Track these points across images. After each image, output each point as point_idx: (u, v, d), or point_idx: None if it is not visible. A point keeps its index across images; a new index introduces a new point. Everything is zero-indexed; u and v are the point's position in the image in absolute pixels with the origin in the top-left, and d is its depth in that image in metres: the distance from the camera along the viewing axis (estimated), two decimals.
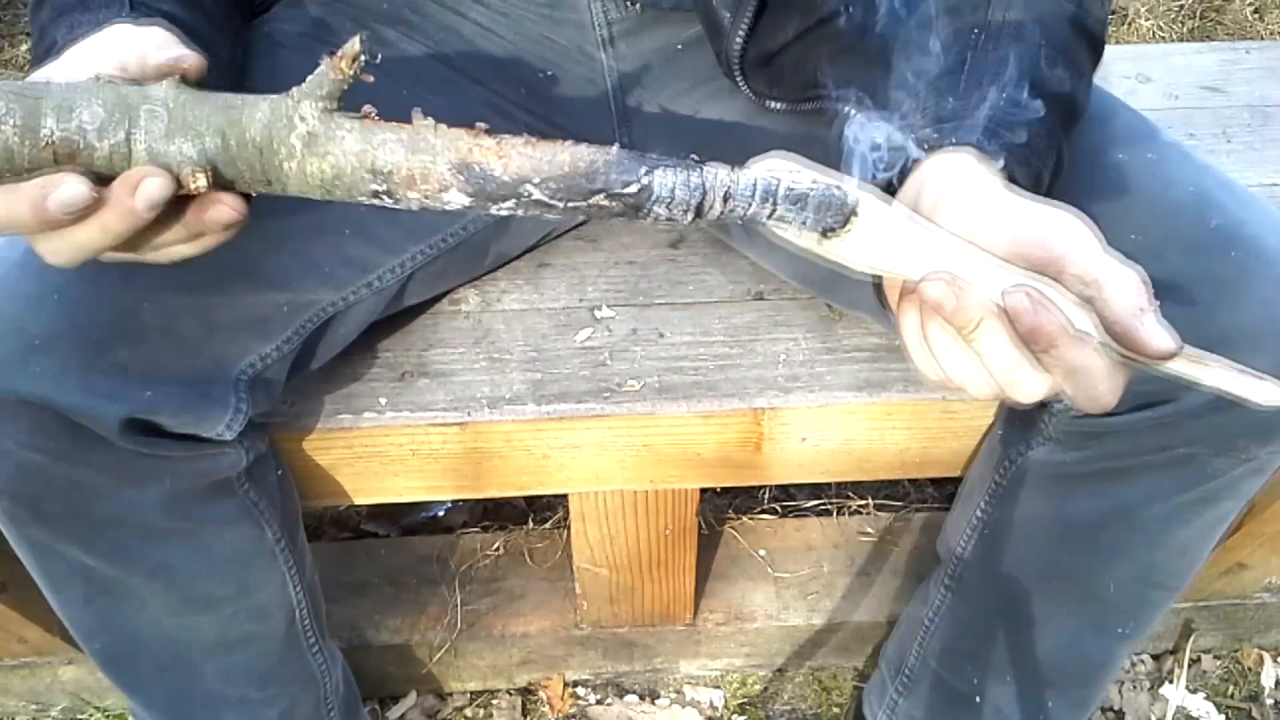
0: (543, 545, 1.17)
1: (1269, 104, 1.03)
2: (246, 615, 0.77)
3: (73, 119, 0.41)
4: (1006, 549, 0.80)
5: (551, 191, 0.42)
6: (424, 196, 0.43)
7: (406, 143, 0.42)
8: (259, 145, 0.42)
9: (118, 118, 0.41)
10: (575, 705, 1.16)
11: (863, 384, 0.77)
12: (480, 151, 0.42)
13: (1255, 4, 2.11)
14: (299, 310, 0.69)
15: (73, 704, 1.13)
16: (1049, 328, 0.42)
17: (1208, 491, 0.69)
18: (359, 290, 0.72)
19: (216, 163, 0.42)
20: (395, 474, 0.80)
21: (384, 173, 0.42)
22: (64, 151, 0.41)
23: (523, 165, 0.42)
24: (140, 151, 0.42)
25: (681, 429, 0.78)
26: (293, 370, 0.72)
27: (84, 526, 0.66)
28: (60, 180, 0.42)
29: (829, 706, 1.17)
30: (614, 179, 0.42)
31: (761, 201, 0.44)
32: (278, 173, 0.43)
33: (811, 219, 0.44)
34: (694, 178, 0.43)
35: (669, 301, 0.83)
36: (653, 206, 0.43)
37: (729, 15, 0.68)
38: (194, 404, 0.64)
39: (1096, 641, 0.82)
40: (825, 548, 1.16)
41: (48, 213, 0.42)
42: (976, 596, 0.85)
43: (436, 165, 0.42)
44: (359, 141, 0.42)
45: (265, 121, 0.42)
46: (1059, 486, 0.74)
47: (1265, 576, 1.12)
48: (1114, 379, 0.43)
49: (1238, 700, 1.18)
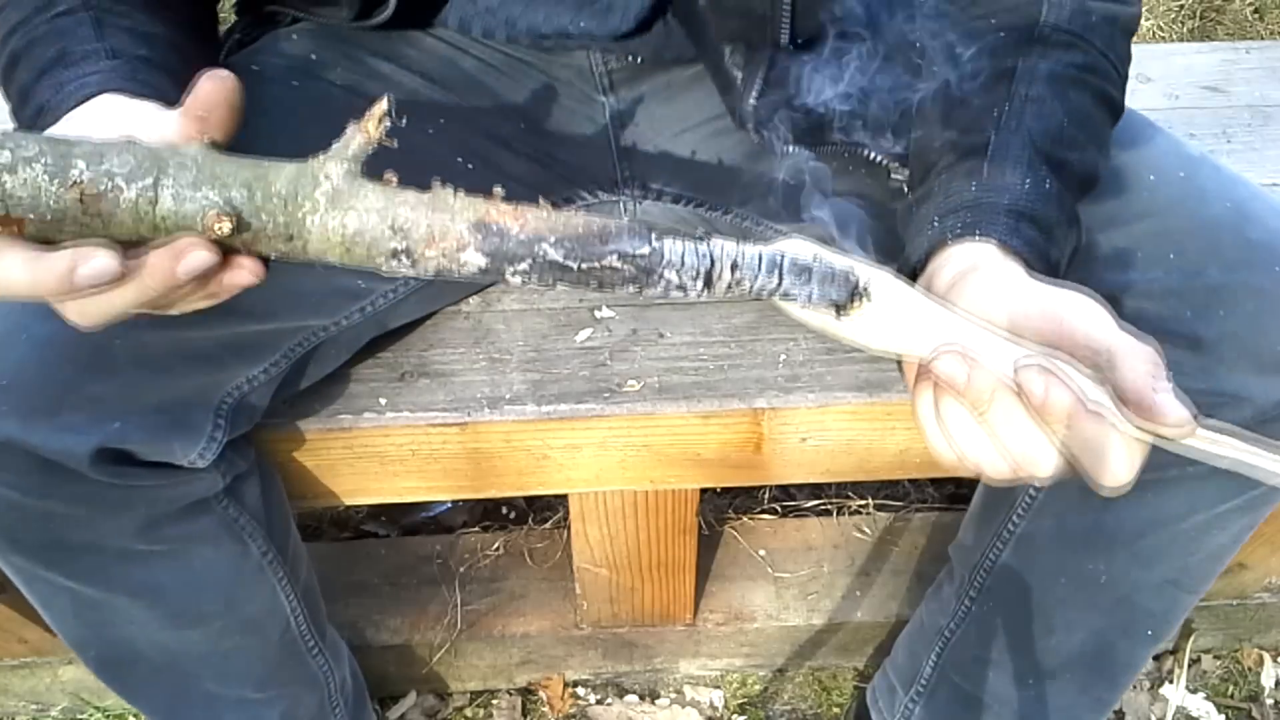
0: (543, 545, 1.17)
1: (1269, 104, 1.03)
2: (237, 628, 0.76)
3: (103, 164, 0.42)
4: (1041, 559, 0.79)
5: (565, 251, 0.43)
6: (442, 255, 0.44)
7: (427, 202, 0.44)
8: (284, 198, 0.43)
9: (147, 166, 0.42)
10: (575, 705, 1.16)
11: (863, 384, 0.77)
12: (497, 213, 0.44)
13: (1255, 4, 2.11)
14: (286, 336, 0.68)
15: (73, 704, 1.13)
16: (1062, 401, 0.42)
17: (1246, 500, 0.69)
18: (350, 316, 0.71)
19: (241, 211, 0.43)
20: (395, 474, 0.80)
21: (404, 230, 0.43)
22: (90, 194, 0.42)
23: (539, 226, 0.43)
24: (166, 198, 0.42)
25: (681, 429, 0.78)
26: (279, 391, 0.71)
27: (61, 553, 0.66)
28: (91, 254, 0.42)
29: (829, 706, 1.17)
30: (625, 240, 0.44)
31: (768, 273, 0.45)
32: (300, 226, 0.44)
33: (816, 293, 0.45)
34: (702, 246, 0.44)
35: (669, 301, 0.83)
36: (663, 270, 0.44)
37: (740, 74, 0.68)
38: (165, 432, 0.63)
39: (1125, 644, 0.81)
40: (825, 548, 1.16)
41: (75, 286, 0.42)
42: (1005, 605, 0.84)
43: (455, 224, 0.43)
44: (381, 200, 0.43)
45: (291, 178, 0.43)
46: (1098, 498, 0.73)
47: (1265, 576, 1.12)
48: (1129, 453, 0.43)
49: (1238, 700, 1.18)
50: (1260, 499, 0.69)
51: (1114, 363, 0.42)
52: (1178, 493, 0.69)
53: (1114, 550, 0.74)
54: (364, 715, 0.99)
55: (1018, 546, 0.81)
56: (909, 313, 0.46)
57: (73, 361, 0.59)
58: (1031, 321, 0.44)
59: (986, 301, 0.46)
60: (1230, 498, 0.68)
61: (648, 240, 0.44)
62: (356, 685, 0.97)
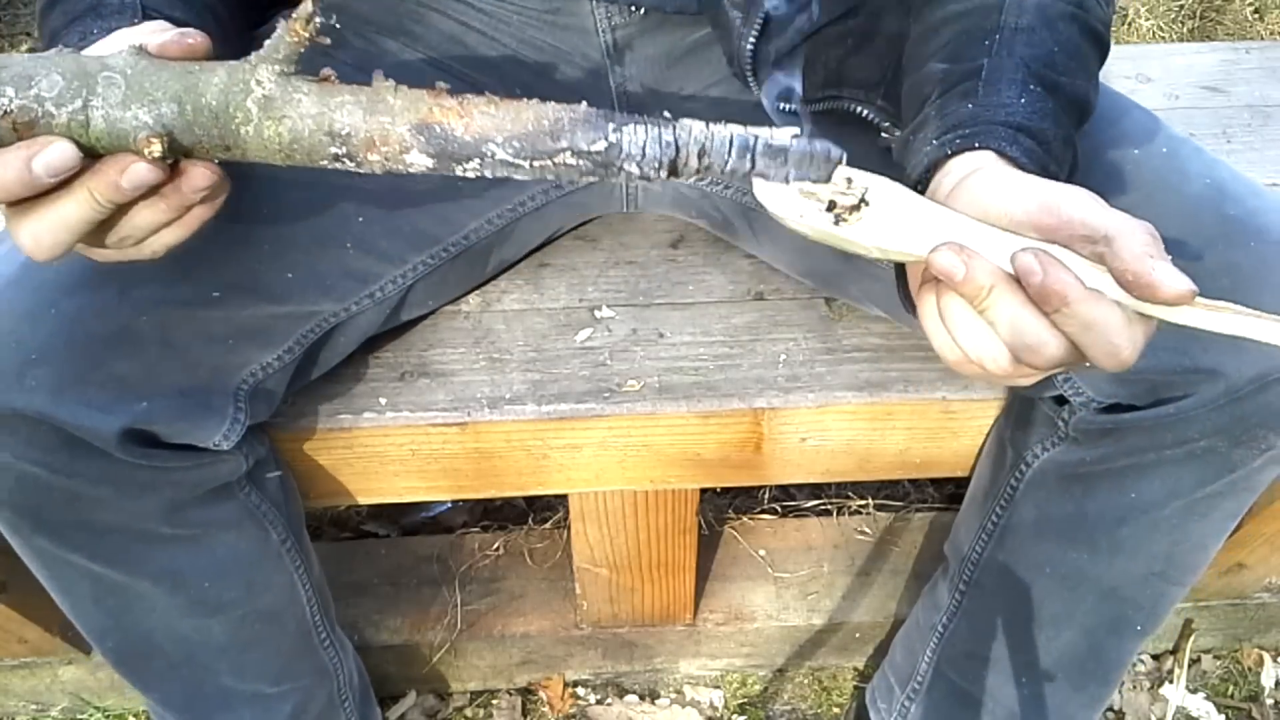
0: (543, 545, 1.17)
1: (1269, 104, 1.03)
2: (257, 616, 0.77)
3: (31, 88, 0.41)
4: (1024, 550, 0.80)
5: (515, 150, 0.42)
6: (385, 159, 0.42)
7: (365, 105, 0.42)
8: (215, 110, 0.42)
9: (75, 86, 0.41)
10: (575, 705, 1.16)
11: (863, 384, 0.77)
12: (441, 111, 0.42)
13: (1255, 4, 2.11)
14: (300, 321, 0.69)
15: (73, 704, 1.13)
16: (1059, 284, 0.42)
17: (1226, 485, 0.69)
18: (361, 301, 0.72)
19: (173, 129, 0.42)
20: (395, 474, 0.80)
21: (342, 135, 0.42)
22: (23, 120, 0.41)
23: (485, 125, 0.42)
24: (98, 119, 0.42)
25: (681, 429, 0.78)
26: (294, 380, 0.72)
27: (86, 534, 0.66)
28: (47, 142, 0.42)
29: (829, 706, 1.17)
30: (579, 136, 0.42)
31: (739, 157, 0.43)
32: (235, 137, 0.42)
33: (794, 173, 0.44)
34: (666, 134, 0.42)
35: (669, 301, 0.83)
36: (623, 164, 0.42)
37: (740, 15, 0.68)
38: (190, 414, 0.64)
39: (1112, 639, 0.82)
40: (825, 548, 1.16)
41: (33, 174, 0.42)
42: (992, 599, 0.85)
43: (396, 127, 0.42)
44: (316, 104, 0.42)
45: (222, 86, 0.42)
46: (1077, 486, 0.74)
47: (1265, 576, 1.12)
48: (1131, 332, 0.43)
49: (1238, 700, 1.18)
50: (1240, 483, 0.69)
51: (1111, 242, 0.42)
52: (1155, 478, 0.70)
53: (1096, 539, 0.75)
54: (370, 709, 1.00)
55: (1003, 538, 0.81)
56: (907, 215, 0.45)
57: (100, 339, 0.60)
58: (1030, 215, 0.44)
59: (985, 200, 0.46)
60: (1209, 482, 0.69)
61: (604, 133, 0.42)
62: (362, 681, 0.98)
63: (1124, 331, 0.43)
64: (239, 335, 0.66)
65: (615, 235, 0.88)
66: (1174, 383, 0.64)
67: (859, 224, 0.45)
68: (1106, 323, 0.43)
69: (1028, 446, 0.76)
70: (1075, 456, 0.72)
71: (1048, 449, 0.74)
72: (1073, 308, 0.42)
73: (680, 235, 0.88)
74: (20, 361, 0.58)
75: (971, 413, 0.79)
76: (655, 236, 0.88)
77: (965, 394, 0.78)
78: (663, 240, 0.88)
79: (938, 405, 0.78)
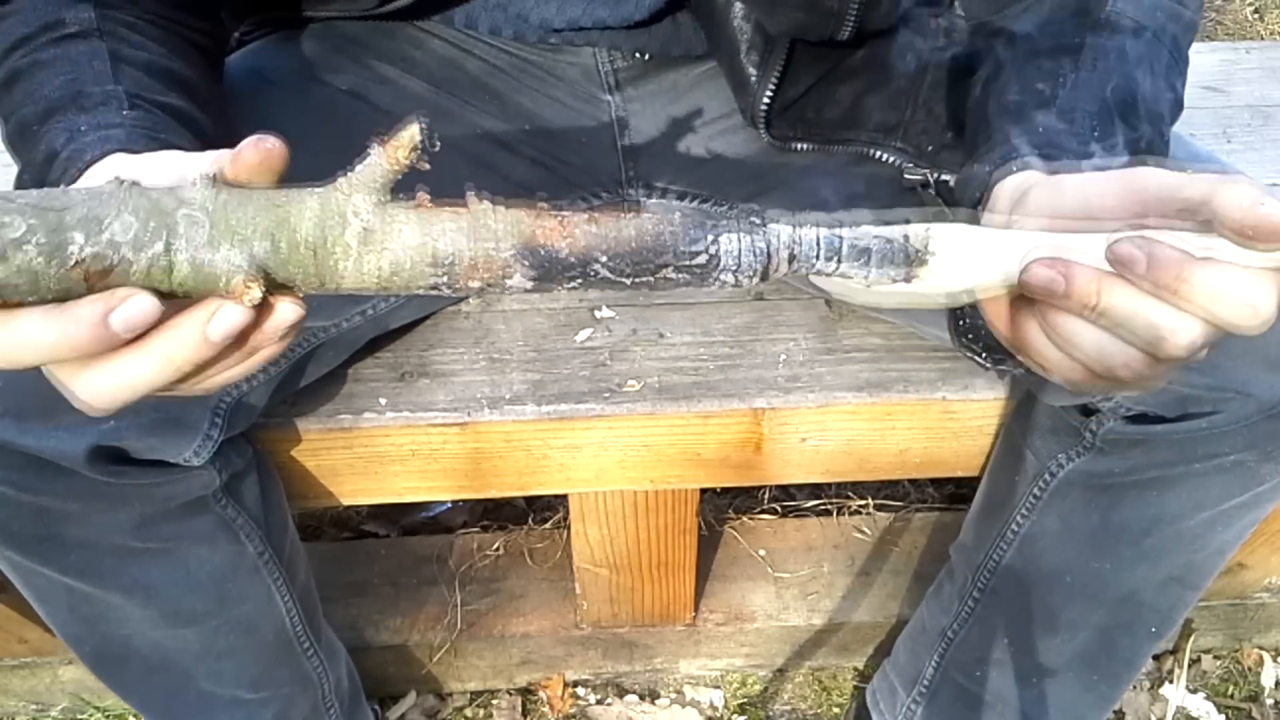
0: (543, 545, 1.17)
1: (1269, 104, 1.03)
2: (231, 628, 0.76)
3: (103, 233, 0.36)
4: (1045, 559, 0.79)
5: (617, 269, 0.40)
6: (486, 283, 0.40)
7: (467, 230, 0.39)
8: (312, 246, 0.38)
9: (153, 226, 0.37)
10: (575, 705, 1.16)
11: (863, 384, 0.77)
12: (543, 234, 0.39)
13: (1255, 4, 2.11)
14: None
15: (73, 704, 1.13)
16: (1171, 261, 0.38)
17: (1253, 497, 0.69)
18: (351, 318, 0.71)
19: (268, 269, 0.38)
20: (395, 474, 0.80)
21: (445, 264, 0.39)
22: (96, 270, 0.36)
23: (588, 243, 0.40)
24: (183, 265, 0.37)
25: (682, 429, 0.78)
26: (277, 390, 0.71)
27: (55, 548, 0.65)
28: (127, 294, 0.36)
29: (829, 706, 1.17)
30: (682, 250, 0.40)
31: (826, 259, 0.42)
32: (333, 273, 0.39)
33: (874, 272, 0.42)
34: (759, 241, 0.41)
35: (669, 301, 0.83)
36: (719, 275, 0.41)
37: (756, 72, 0.68)
38: (161, 431, 0.63)
39: (1128, 641, 0.81)
40: (825, 548, 1.16)
41: (110, 332, 0.36)
42: (1008, 606, 0.84)
43: (499, 251, 0.39)
44: (418, 235, 0.39)
45: (316, 219, 0.38)
46: (1103, 496, 0.73)
47: (1265, 576, 1.12)
48: (1263, 285, 0.39)
49: (1238, 700, 1.18)
50: (1265, 495, 0.69)
51: (1213, 201, 0.38)
52: (1182, 490, 0.69)
53: (1120, 548, 0.74)
54: (360, 714, 0.99)
55: (1021, 547, 0.81)
56: (978, 249, 0.42)
57: None
58: (1113, 201, 0.40)
59: (1056, 206, 0.42)
60: (1235, 495, 0.68)
61: (704, 245, 0.40)
62: (352, 686, 0.97)
63: (1254, 285, 0.38)
64: None
65: None
66: (1203, 398, 0.63)
67: (930, 274, 0.43)
68: (1232, 280, 0.38)
69: (1050, 455, 0.75)
70: (1103, 467, 0.71)
71: (1073, 459, 0.73)
72: (1193, 280, 0.38)
73: None
74: None
75: (971, 413, 0.79)
76: None
77: (965, 394, 0.77)
78: None
79: (938, 405, 0.78)
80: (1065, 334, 0.41)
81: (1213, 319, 0.39)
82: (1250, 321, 0.38)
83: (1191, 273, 0.38)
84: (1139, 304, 0.39)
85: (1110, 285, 0.39)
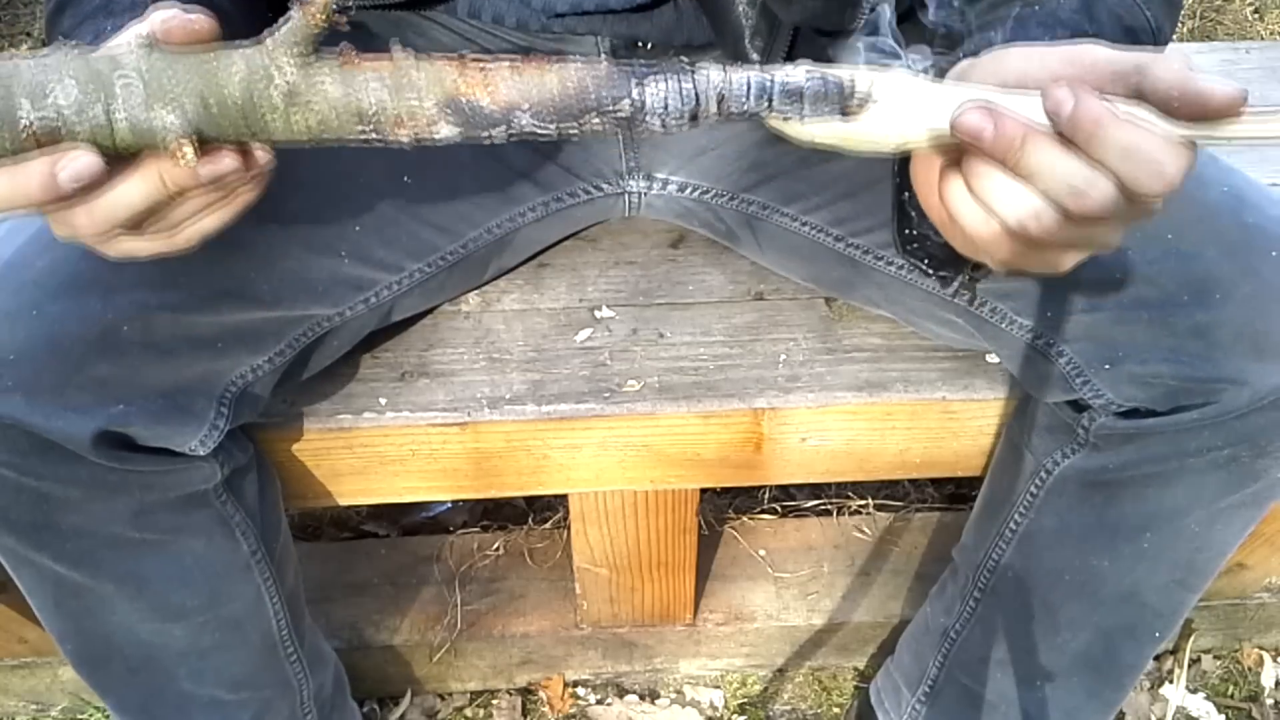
0: (543, 545, 1.17)
1: (1269, 104, 1.03)
2: (218, 625, 0.76)
3: (48, 101, 0.40)
4: (1044, 557, 0.79)
5: (542, 118, 0.41)
6: (414, 134, 0.42)
7: (390, 84, 0.41)
8: (240, 105, 0.41)
9: (92, 90, 0.40)
10: (575, 705, 1.16)
11: (863, 384, 0.77)
12: (466, 85, 0.41)
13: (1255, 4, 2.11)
14: (292, 325, 0.69)
15: (73, 704, 1.13)
16: (1092, 109, 0.40)
17: (1249, 495, 0.68)
18: (355, 306, 0.72)
19: (200, 127, 0.41)
20: (395, 474, 0.80)
21: (370, 116, 0.41)
22: (44, 134, 0.40)
23: (511, 94, 0.41)
24: (122, 125, 0.41)
25: (681, 429, 0.78)
26: (282, 381, 0.71)
27: (52, 535, 0.65)
28: (70, 151, 0.40)
29: (829, 706, 1.17)
30: (605, 97, 0.41)
31: (757, 100, 0.43)
32: (262, 127, 0.42)
33: (809, 111, 0.43)
34: (686, 85, 0.42)
35: (669, 301, 0.83)
36: (646, 119, 0.42)
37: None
38: (169, 418, 0.63)
39: (1129, 643, 0.81)
40: (825, 548, 1.16)
41: (60, 189, 0.41)
42: (1009, 605, 0.84)
43: (424, 104, 0.41)
44: (341, 89, 0.41)
45: (243, 78, 0.41)
46: (1099, 493, 0.73)
47: (1265, 576, 1.12)
48: (1175, 150, 0.41)
49: (1238, 700, 1.18)
50: (1262, 493, 0.69)
51: (1146, 69, 0.40)
52: (1178, 486, 0.69)
53: (1118, 547, 0.74)
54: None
55: (1020, 545, 0.81)
56: (920, 98, 0.43)
57: (82, 341, 0.59)
58: (1054, 68, 0.42)
59: (1001, 70, 0.44)
60: (1232, 491, 0.68)
61: (627, 93, 0.41)
62: (337, 693, 0.96)
63: (1166, 150, 0.40)
64: (227, 338, 0.65)
65: (615, 235, 0.88)
66: (1194, 390, 0.63)
67: (869, 117, 0.44)
68: (1145, 142, 0.40)
69: (1047, 453, 0.75)
70: (1097, 463, 0.72)
71: (1068, 455, 0.73)
72: (1107, 131, 0.40)
73: (680, 235, 0.88)
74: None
75: (971, 413, 0.79)
76: (655, 237, 0.88)
77: (966, 394, 0.78)
78: (663, 240, 0.88)
79: (938, 405, 0.78)
80: (985, 186, 0.43)
81: (1123, 177, 0.41)
82: (1155, 184, 0.41)
83: (1110, 125, 0.40)
84: (1057, 157, 0.41)
85: (1033, 137, 0.41)
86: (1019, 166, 0.42)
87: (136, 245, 0.48)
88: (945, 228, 0.49)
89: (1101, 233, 0.44)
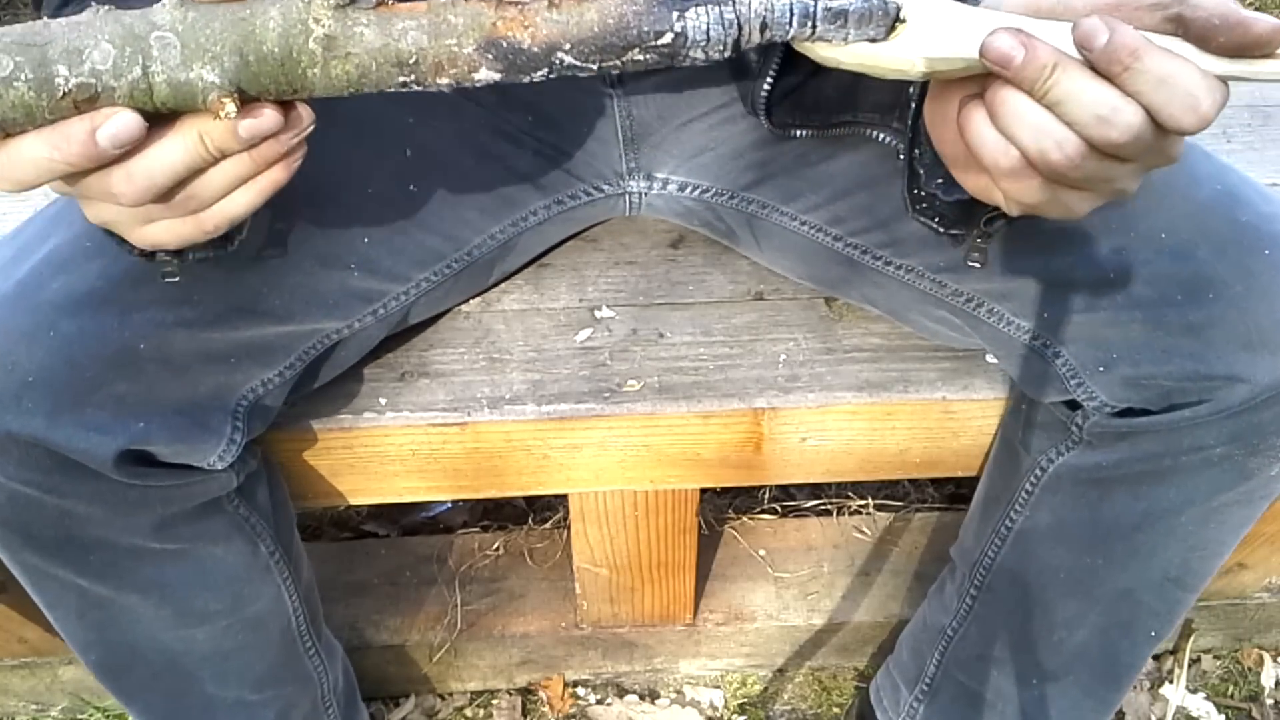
0: (543, 545, 1.17)
1: (1269, 104, 1.03)
2: (242, 627, 0.77)
3: (84, 62, 0.39)
4: (1039, 555, 0.79)
5: (584, 55, 0.41)
6: (454, 79, 0.41)
7: (428, 28, 0.40)
8: (278, 57, 0.40)
9: (130, 52, 0.39)
10: (575, 705, 1.16)
11: (863, 384, 0.77)
12: (505, 25, 0.40)
13: (1255, 4, 2.11)
14: (302, 338, 0.69)
15: (73, 704, 1.13)
16: (1128, 38, 0.39)
17: (1243, 493, 0.68)
18: (364, 319, 0.72)
19: (240, 83, 0.40)
20: (395, 474, 0.80)
21: (409, 64, 0.41)
22: (83, 98, 0.39)
23: (551, 32, 0.40)
24: (161, 84, 0.40)
25: (681, 429, 0.78)
26: (291, 393, 0.72)
27: (75, 549, 0.66)
28: (109, 113, 0.40)
29: (829, 706, 1.17)
30: (646, 30, 0.41)
31: (800, 24, 0.42)
32: (303, 80, 0.41)
33: (853, 34, 0.43)
34: (728, 13, 0.41)
35: (669, 301, 0.83)
36: (689, 52, 0.41)
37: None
38: (188, 435, 0.64)
39: (1126, 642, 0.81)
40: (825, 548, 1.16)
41: (99, 148, 0.40)
42: (1006, 603, 0.85)
43: (463, 48, 0.40)
44: (379, 36, 0.40)
45: (281, 30, 0.40)
46: (1093, 491, 0.73)
47: (1265, 576, 1.12)
48: (1209, 84, 0.40)
49: (1238, 700, 1.18)
50: (1256, 492, 0.69)
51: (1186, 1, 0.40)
52: (1171, 485, 0.69)
53: (1111, 545, 0.74)
54: (355, 713, 0.99)
55: (1016, 543, 0.81)
56: (950, 22, 0.43)
57: (99, 359, 0.59)
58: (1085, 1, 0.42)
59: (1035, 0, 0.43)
60: (1225, 490, 0.68)
61: (669, 25, 0.40)
62: (348, 686, 0.97)
63: (1202, 83, 0.39)
64: (240, 353, 0.65)
65: (615, 235, 0.88)
66: (1187, 389, 0.63)
67: (898, 39, 0.43)
68: (1181, 72, 0.39)
69: (1041, 451, 0.75)
70: (1091, 461, 0.72)
71: (1062, 453, 0.74)
72: (1144, 61, 0.39)
73: (680, 235, 0.88)
74: (17, 384, 0.57)
75: (972, 413, 0.79)
76: (655, 237, 0.88)
77: (966, 394, 0.78)
78: (663, 240, 0.88)
79: (938, 405, 0.78)
80: (1009, 111, 0.42)
81: (1155, 109, 0.40)
82: (1189, 118, 0.40)
83: (1148, 53, 0.39)
84: (1087, 84, 0.40)
85: (1065, 64, 0.40)
86: (1047, 94, 0.41)
87: (166, 229, 0.47)
88: (959, 167, 0.48)
89: (1121, 174, 0.43)
